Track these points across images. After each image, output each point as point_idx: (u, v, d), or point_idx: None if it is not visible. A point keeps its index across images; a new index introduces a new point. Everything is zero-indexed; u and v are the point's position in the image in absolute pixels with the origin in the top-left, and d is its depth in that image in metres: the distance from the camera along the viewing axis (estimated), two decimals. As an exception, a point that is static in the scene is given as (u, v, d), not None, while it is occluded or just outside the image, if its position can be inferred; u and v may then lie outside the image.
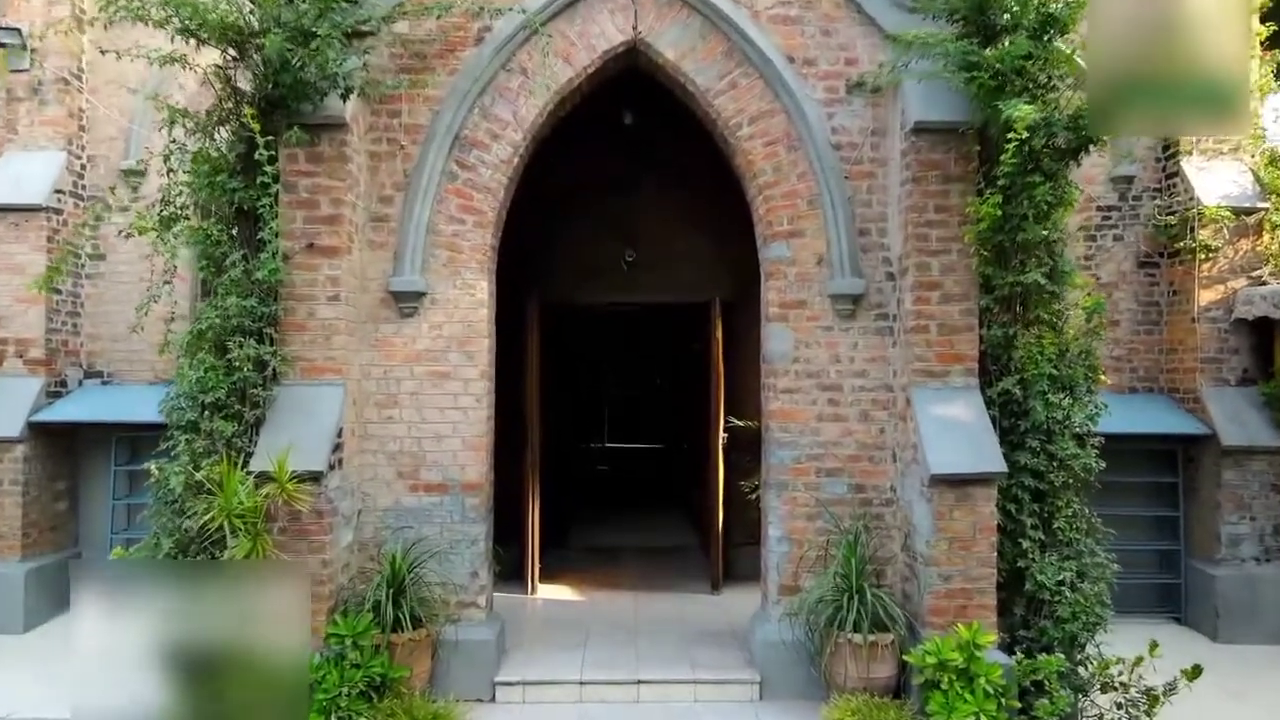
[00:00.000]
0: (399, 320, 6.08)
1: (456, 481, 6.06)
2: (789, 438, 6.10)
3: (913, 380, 5.74)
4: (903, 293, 5.91)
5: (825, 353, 6.11)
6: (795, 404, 6.11)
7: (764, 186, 6.15)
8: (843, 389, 6.11)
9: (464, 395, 6.09)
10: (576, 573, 8.88)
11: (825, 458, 6.09)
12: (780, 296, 6.14)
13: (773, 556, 6.11)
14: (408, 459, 6.06)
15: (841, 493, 6.08)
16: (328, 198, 5.70)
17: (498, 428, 8.65)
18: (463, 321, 6.09)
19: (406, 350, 6.08)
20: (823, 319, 6.12)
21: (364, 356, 6.05)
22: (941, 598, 5.46)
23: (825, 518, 6.05)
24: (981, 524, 5.47)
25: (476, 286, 6.10)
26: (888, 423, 6.09)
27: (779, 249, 6.15)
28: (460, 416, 6.08)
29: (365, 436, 6.04)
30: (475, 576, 6.07)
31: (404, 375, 6.07)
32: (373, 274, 6.07)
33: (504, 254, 8.62)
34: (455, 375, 6.08)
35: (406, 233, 6.03)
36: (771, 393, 6.16)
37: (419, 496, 6.06)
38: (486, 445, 6.16)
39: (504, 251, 8.63)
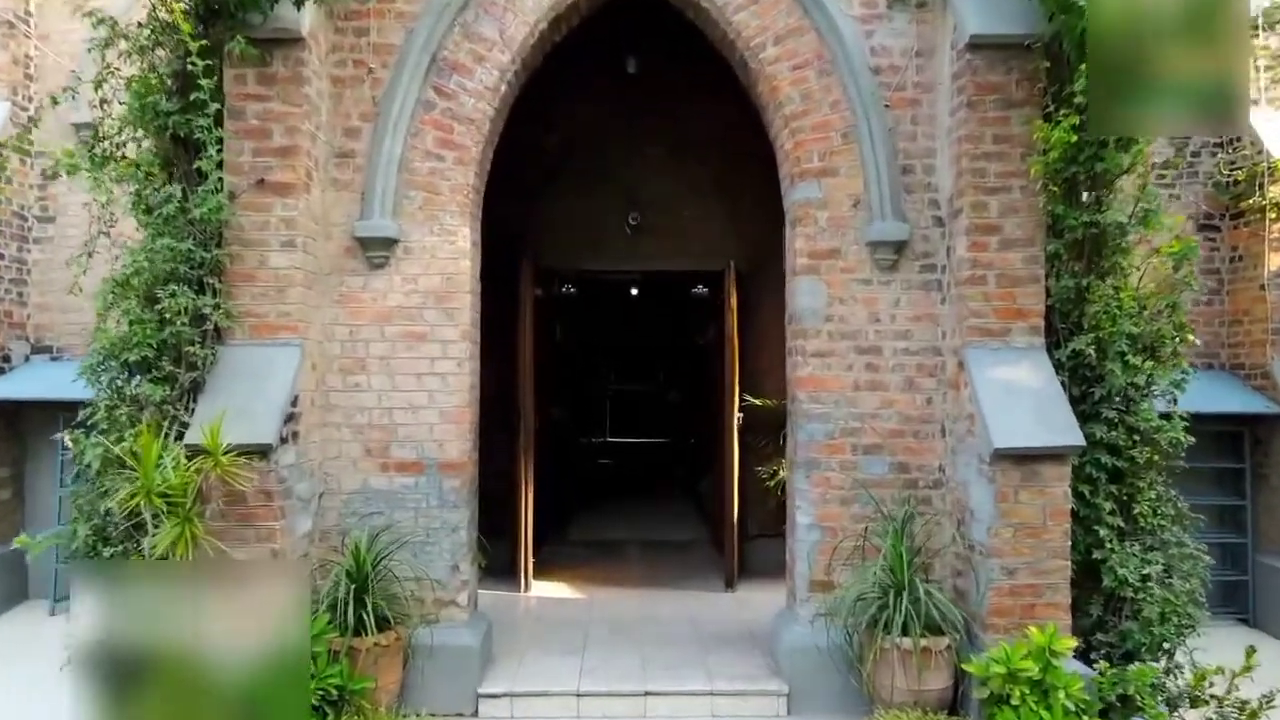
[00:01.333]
0: (367, 272, 5.16)
1: (434, 460, 5.14)
2: (821, 409, 5.18)
3: (967, 340, 4.81)
4: (954, 238, 4.99)
5: (862, 310, 5.19)
6: (828, 370, 5.19)
7: (791, 118, 5.23)
8: (883, 352, 5.18)
9: (443, 359, 5.16)
10: (575, 568, 7.95)
11: (863, 432, 5.16)
12: (810, 245, 5.21)
13: (801, 547, 5.18)
14: (377, 433, 5.13)
15: (882, 473, 5.15)
16: (281, 126, 4.78)
17: (488, 408, 7.69)
18: (441, 274, 5.17)
19: (376, 307, 5.15)
20: (859, 271, 5.20)
21: (326, 314, 5.13)
22: (1005, 595, 4.53)
23: (863, 502, 5.13)
24: (1053, 508, 4.54)
25: (457, 234, 5.18)
26: (935, 391, 5.16)
27: (808, 189, 5.22)
28: (438, 384, 5.16)
29: (327, 407, 5.12)
30: (456, 570, 5.14)
31: (373, 336, 5.15)
32: (336, 218, 5.15)
33: (495, 215, 7.68)
34: (432, 336, 5.16)
35: (375, 170, 5.11)
36: (800, 357, 5.23)
37: (390, 477, 5.14)
38: (469, 418, 5.23)
39: (495, 212, 7.70)
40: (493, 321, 7.71)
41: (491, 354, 7.72)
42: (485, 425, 7.83)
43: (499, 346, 7.55)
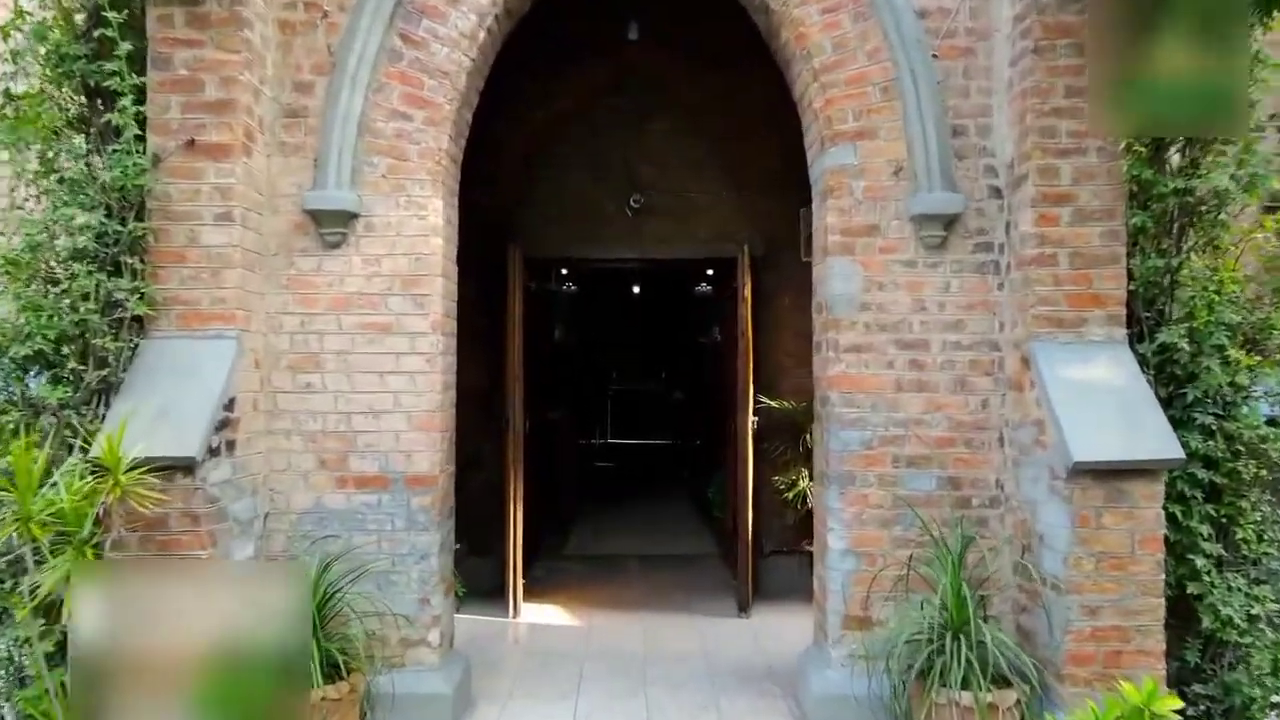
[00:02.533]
0: (321, 252, 4.33)
1: (399, 474, 4.31)
2: (856, 414, 4.35)
3: (1034, 332, 3.99)
4: (1016, 211, 4.16)
5: (905, 297, 4.36)
6: (865, 368, 4.36)
7: (821, 70, 4.40)
8: (929, 346, 4.36)
9: (410, 355, 4.34)
10: (571, 588, 7.12)
11: (906, 441, 4.33)
12: (843, 220, 4.38)
13: (834, 577, 4.35)
14: (333, 442, 4.31)
15: (929, 488, 4.33)
16: (215, 77, 3.96)
17: (475, 412, 6.91)
18: (409, 254, 4.34)
19: (332, 293, 4.33)
20: (901, 251, 4.37)
21: (272, 301, 4.31)
22: (1086, 639, 3.71)
23: (906, 523, 4.30)
24: (1144, 533, 3.72)
25: (428, 207, 4.36)
26: (992, 392, 4.33)
27: (841, 155, 4.39)
28: (405, 384, 4.33)
29: (274, 412, 4.30)
30: (425, 604, 4.31)
31: (328, 327, 4.33)
32: (285, 188, 4.33)
33: (480, 200, 6.90)
34: (399, 328, 4.34)
35: (331, 131, 4.28)
36: (831, 353, 4.40)
37: (348, 494, 4.31)
38: (442, 425, 4.40)
39: (480, 197, 6.91)
40: (481, 318, 6.93)
41: (480, 354, 6.96)
42: (473, 432, 7.06)
43: (488, 346, 6.74)
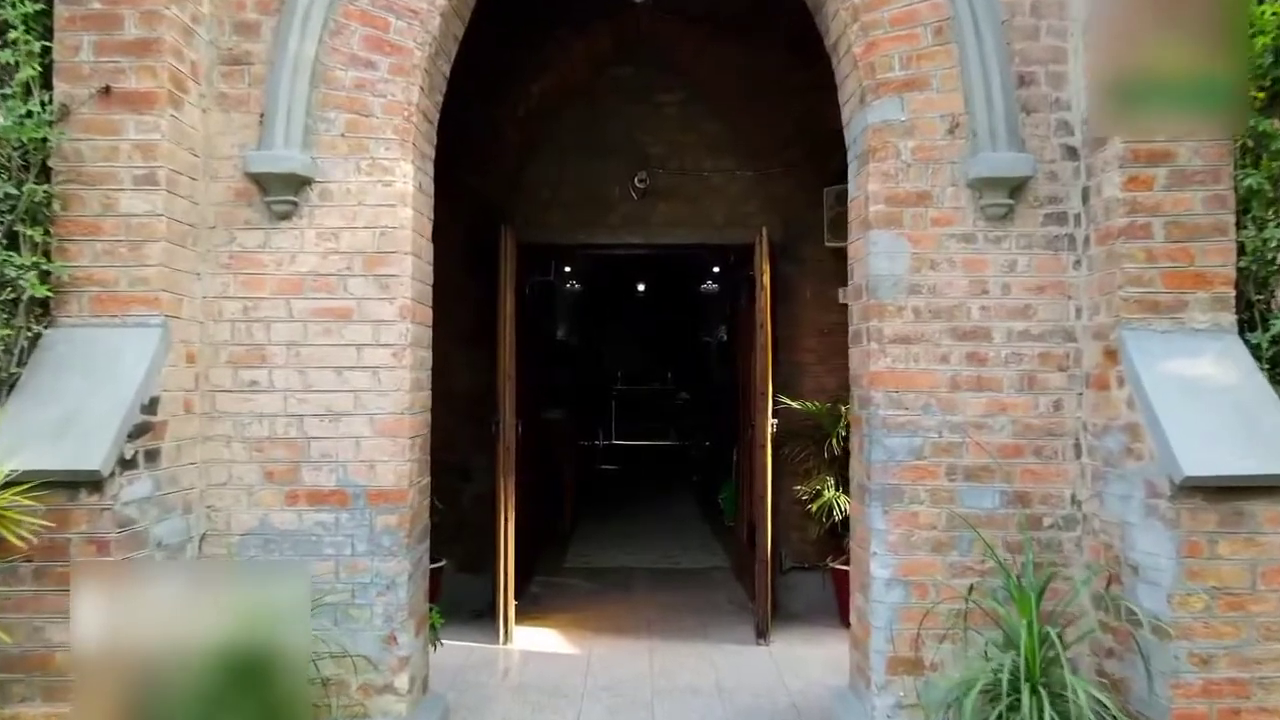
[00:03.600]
0: (268, 225, 3.62)
1: (360, 488, 3.60)
2: (904, 417, 3.62)
3: (1122, 318, 3.26)
4: (1098, 174, 3.44)
5: (962, 278, 3.63)
6: (914, 362, 3.63)
7: (861, 8, 3.67)
8: (991, 336, 3.62)
9: (374, 347, 3.62)
10: (570, 608, 6.39)
11: (963, 449, 3.60)
12: (888, 186, 3.65)
13: (877, 611, 3.61)
14: (282, 450, 3.59)
15: (990, 506, 3.60)
16: (136, 12, 3.26)
17: (465, 416, 6.23)
18: (373, 227, 3.63)
19: (281, 274, 3.61)
20: (958, 223, 3.64)
21: (210, 283, 3.59)
22: (1196, 695, 2.98)
23: (964, 547, 3.57)
24: (1269, 565, 2.99)
25: (394, 171, 3.64)
26: (1066, 391, 3.60)
27: (886, 109, 3.67)
28: (368, 381, 3.62)
29: (212, 414, 3.59)
30: (391, 644, 3.59)
31: (276, 314, 3.61)
32: (225, 149, 3.62)
33: (471, 184, 6.21)
34: (360, 315, 3.62)
35: (279, 81, 3.57)
36: (874, 344, 3.67)
37: (300, 512, 3.60)
38: (411, 430, 3.68)
39: (471, 180, 6.22)
40: (473, 314, 6.23)
41: (473, 353, 6.24)
42: (463, 439, 6.36)
43: (482, 345, 6.02)
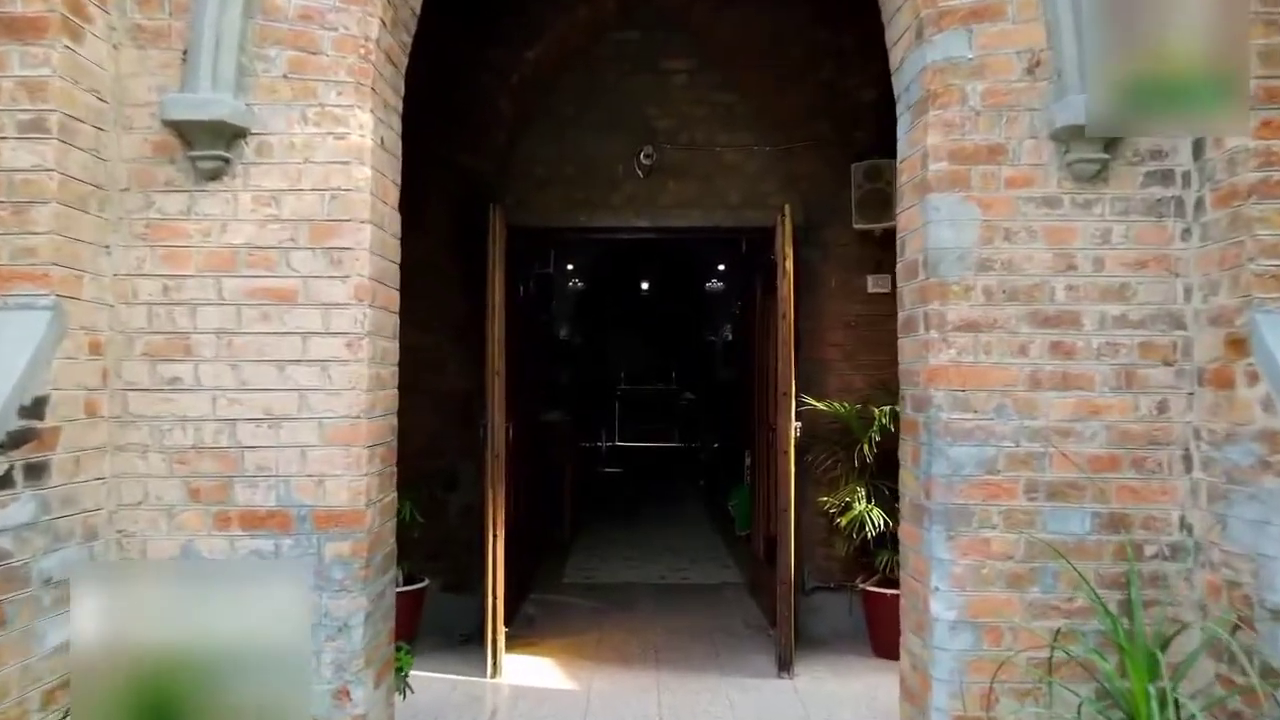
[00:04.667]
0: (194, 186, 2.94)
1: (306, 509, 2.91)
2: (971, 421, 2.92)
3: (1252, 298, 2.57)
4: (1218, 120, 2.75)
5: (1044, 251, 2.93)
6: (985, 354, 2.93)
7: (919, -79, 2.99)
8: (1080, 322, 2.93)
9: (324, 336, 2.94)
10: (569, 632, 5.69)
11: (1045, 461, 2.90)
12: (951, 139, 2.96)
13: (939, 660, 2.92)
14: (211, 463, 2.91)
15: (1080, 530, 2.90)
16: (21, -84, 2.60)
17: (450, 420, 5.57)
18: (322, 189, 2.94)
19: (209, 246, 2.93)
20: (1039, 183, 2.94)
21: (122, 258, 2.91)
22: (1368, 782, 2.29)
23: (1047, 582, 2.88)
24: None
25: (349, 121, 2.96)
26: (1174, 390, 2.90)
27: (949, 44, 2.97)
28: (315, 378, 2.93)
29: (124, 418, 2.90)
30: (344, 700, 2.90)
31: (204, 296, 2.93)
32: (141, 93, 2.93)
33: (461, 163, 5.55)
34: (307, 296, 2.93)
35: (205, 9, 2.88)
36: (935, 332, 2.98)
37: (232, 539, 2.91)
38: (370, 437, 2.99)
39: (463, 154, 5.56)
40: (463, 303, 5.58)
41: (463, 351, 5.58)
42: (450, 445, 5.69)
43: (473, 342, 5.34)
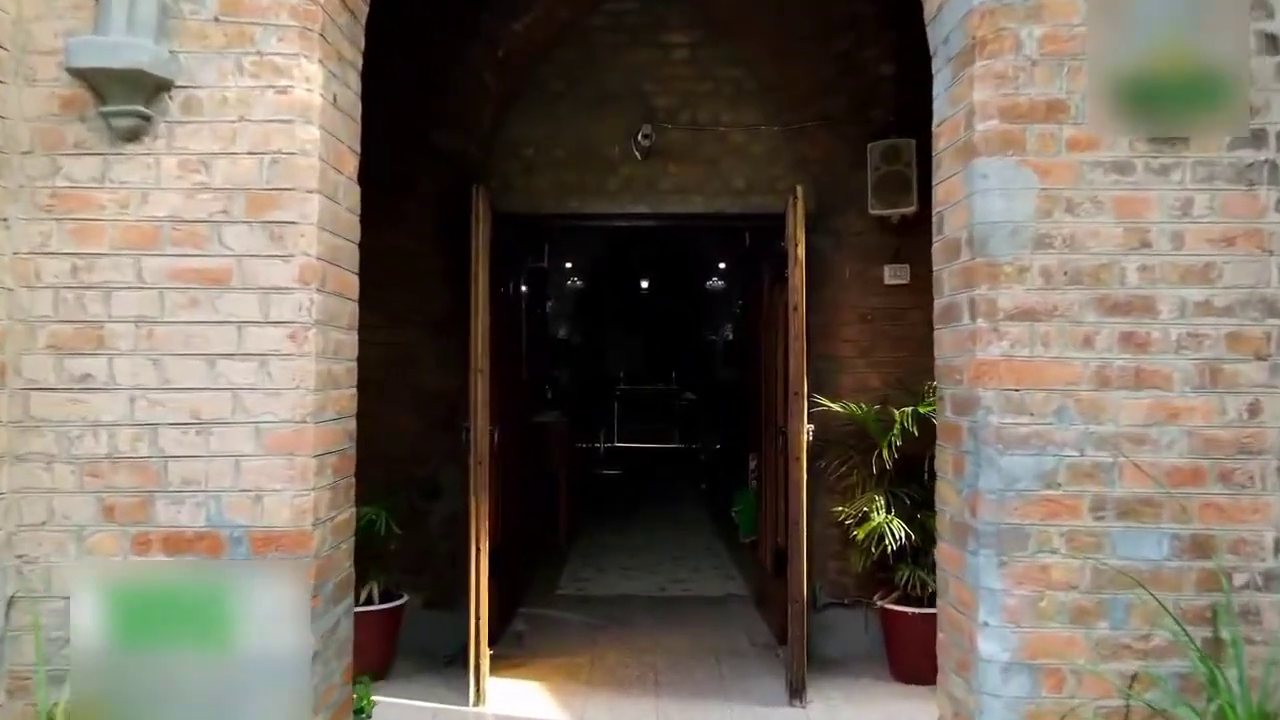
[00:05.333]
0: (109, 149, 2.47)
1: (241, 530, 2.45)
2: (1027, 426, 2.46)
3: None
4: (1325, 67, 2.30)
5: (1113, 225, 2.47)
6: (1043, 346, 2.46)
7: None
8: (1155, 309, 2.46)
9: (262, 326, 2.47)
10: (561, 652, 5.22)
11: (1115, 473, 2.44)
12: (1003, 93, 2.49)
13: (991, 709, 2.44)
14: (128, 476, 2.44)
15: (1157, 555, 2.43)
16: None
17: (433, 423, 5.13)
18: (261, 153, 2.48)
19: (127, 220, 2.47)
20: (1108, 145, 2.47)
21: (23, 232, 2.45)
22: None
23: (1118, 616, 2.41)
24: None
25: (293, 73, 2.49)
26: (1268, 389, 2.43)
27: (1001, -19, 2.52)
28: (252, 375, 2.46)
29: (25, 422, 2.43)
30: (285, 756, 2.45)
31: (121, 278, 2.46)
32: (45, 38, 2.47)
33: (446, 139, 5.11)
34: (242, 279, 2.47)
35: (121, -61, 2.43)
36: (983, 320, 2.51)
37: (154, 564, 2.46)
38: (319, 444, 2.52)
39: (447, 136, 5.12)
40: (448, 295, 5.14)
41: (449, 349, 5.14)
42: (432, 449, 5.24)
43: (460, 336, 4.87)
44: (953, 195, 2.69)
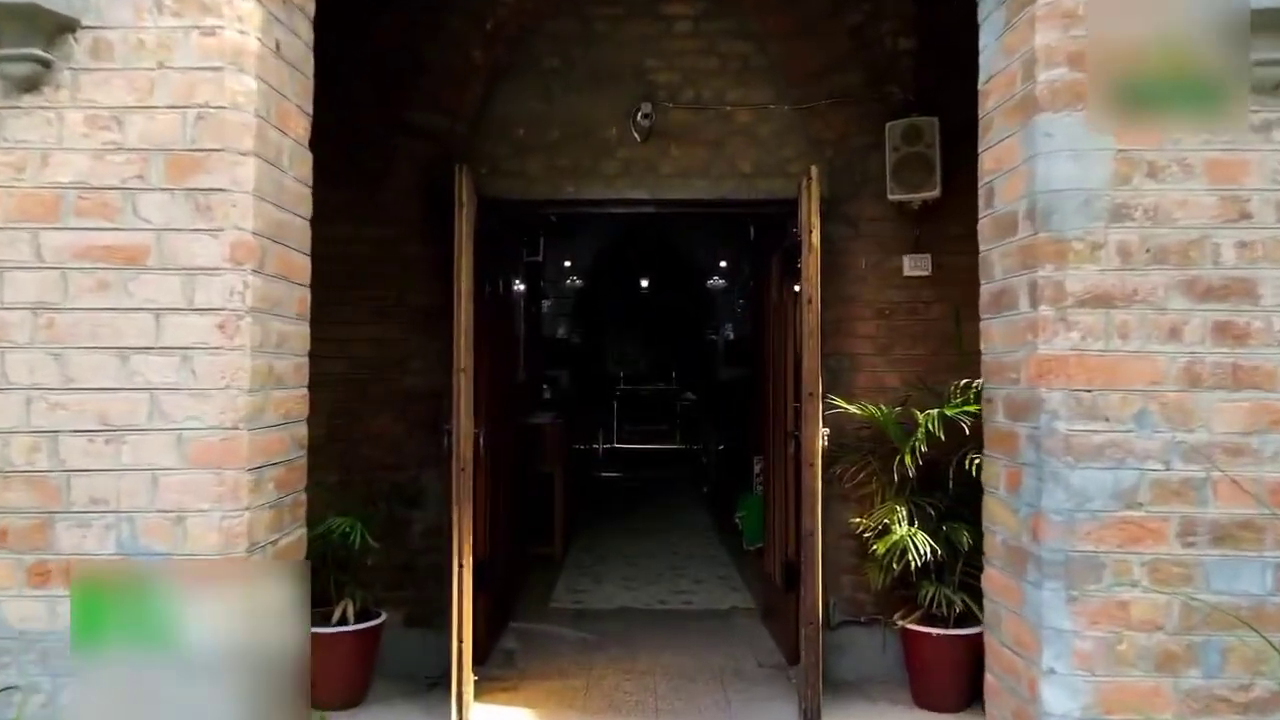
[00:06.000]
0: (0, 100, 2.07)
1: (159, 558, 2.03)
2: (1103, 433, 2.04)
3: None
4: None
5: (1204, 192, 2.05)
6: (1121, 339, 2.05)
7: None
8: (1256, 293, 2.05)
9: (185, 314, 2.05)
10: (554, 673, 4.79)
11: (1208, 490, 2.03)
12: (1071, 36, 2.07)
13: (1058, 772, 2.05)
14: (22, 493, 2.03)
15: (1259, 590, 2.02)
16: None
17: (416, 427, 4.73)
18: (183, 108, 2.06)
19: (22, 188, 2.05)
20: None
21: (-106, 201, 2.05)
22: None
23: (1212, 661, 2.01)
24: None
25: (220, 10, 2.05)
26: (1393, 390, 2.03)
27: (1071, -99, 2.10)
28: (173, 373, 2.05)
29: (-101, 429, 2.04)
30: (211, 830, 2.04)
31: (14, 256, 2.04)
32: (-79, -32, 2.07)
33: (429, 117, 4.71)
34: (161, 258, 2.05)
35: None
36: (1047, 307, 2.09)
37: (52, 600, 2.03)
38: (255, 454, 2.10)
39: (430, 114, 4.72)
40: (433, 284, 4.75)
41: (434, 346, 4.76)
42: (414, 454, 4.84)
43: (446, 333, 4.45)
44: (1006, 161, 2.27)
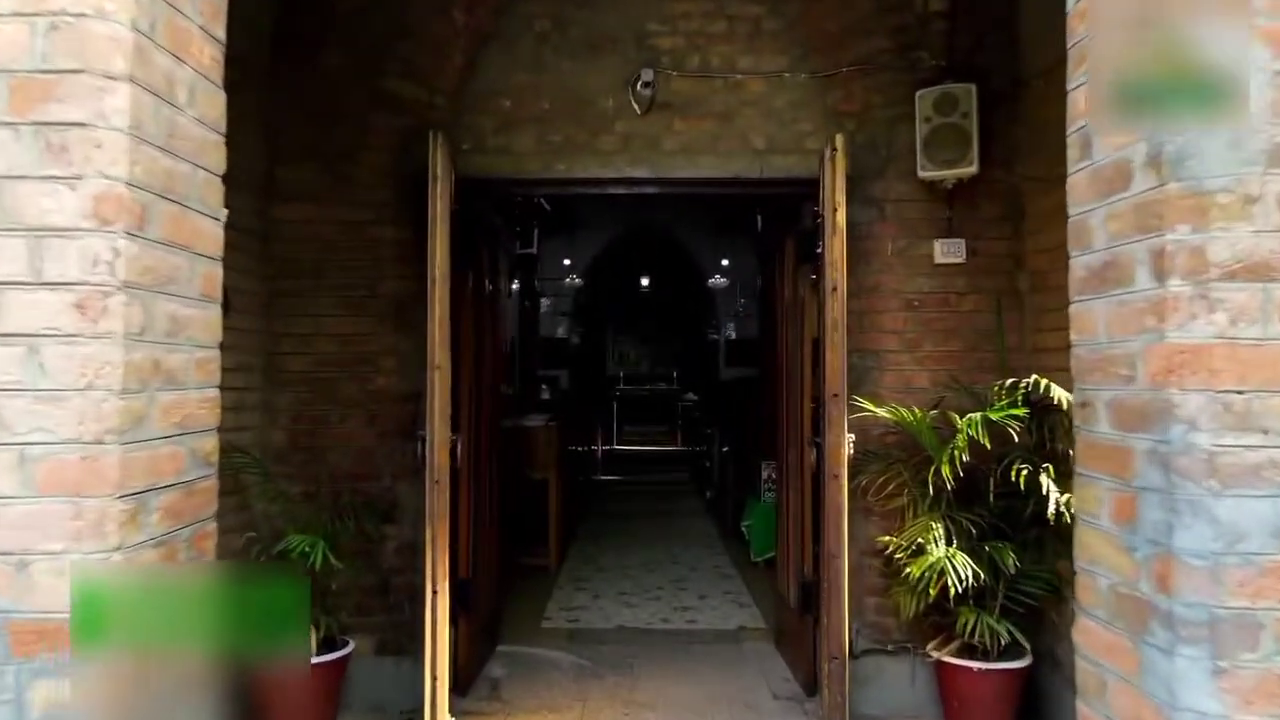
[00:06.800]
0: None
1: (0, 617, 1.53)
2: (1258, 449, 1.52)
3: None
4: None
5: (1395, 129, 1.55)
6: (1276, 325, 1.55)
7: None
8: None
9: (31, 292, 1.53)
10: (542, 707, 4.23)
11: (1399, 526, 1.52)
12: (1217, -78, 1.57)
13: None
14: None
15: None
16: None
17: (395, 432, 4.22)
18: (30, 15, 1.54)
19: None
20: (1386, 0, 1.56)
21: None
22: None
23: (1407, 758, 1.49)
24: None
25: (84, -114, 1.57)
26: None
27: None
28: (15, 368, 1.53)
29: None
30: None
31: None
32: None
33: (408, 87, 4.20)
34: (2, 215, 1.54)
35: None
36: (1177, 283, 1.57)
37: None
38: (126, 477, 1.58)
39: (401, 73, 4.20)
40: (411, 286, 4.23)
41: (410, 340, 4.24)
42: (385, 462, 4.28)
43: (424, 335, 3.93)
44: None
